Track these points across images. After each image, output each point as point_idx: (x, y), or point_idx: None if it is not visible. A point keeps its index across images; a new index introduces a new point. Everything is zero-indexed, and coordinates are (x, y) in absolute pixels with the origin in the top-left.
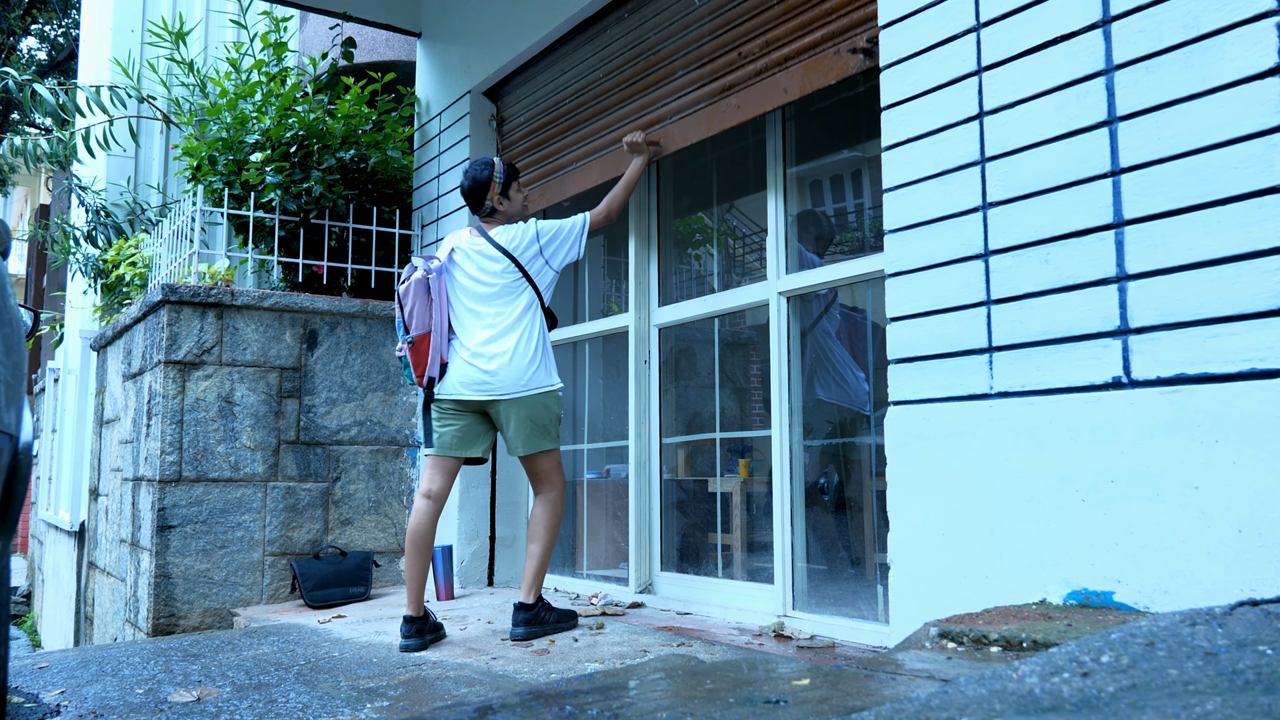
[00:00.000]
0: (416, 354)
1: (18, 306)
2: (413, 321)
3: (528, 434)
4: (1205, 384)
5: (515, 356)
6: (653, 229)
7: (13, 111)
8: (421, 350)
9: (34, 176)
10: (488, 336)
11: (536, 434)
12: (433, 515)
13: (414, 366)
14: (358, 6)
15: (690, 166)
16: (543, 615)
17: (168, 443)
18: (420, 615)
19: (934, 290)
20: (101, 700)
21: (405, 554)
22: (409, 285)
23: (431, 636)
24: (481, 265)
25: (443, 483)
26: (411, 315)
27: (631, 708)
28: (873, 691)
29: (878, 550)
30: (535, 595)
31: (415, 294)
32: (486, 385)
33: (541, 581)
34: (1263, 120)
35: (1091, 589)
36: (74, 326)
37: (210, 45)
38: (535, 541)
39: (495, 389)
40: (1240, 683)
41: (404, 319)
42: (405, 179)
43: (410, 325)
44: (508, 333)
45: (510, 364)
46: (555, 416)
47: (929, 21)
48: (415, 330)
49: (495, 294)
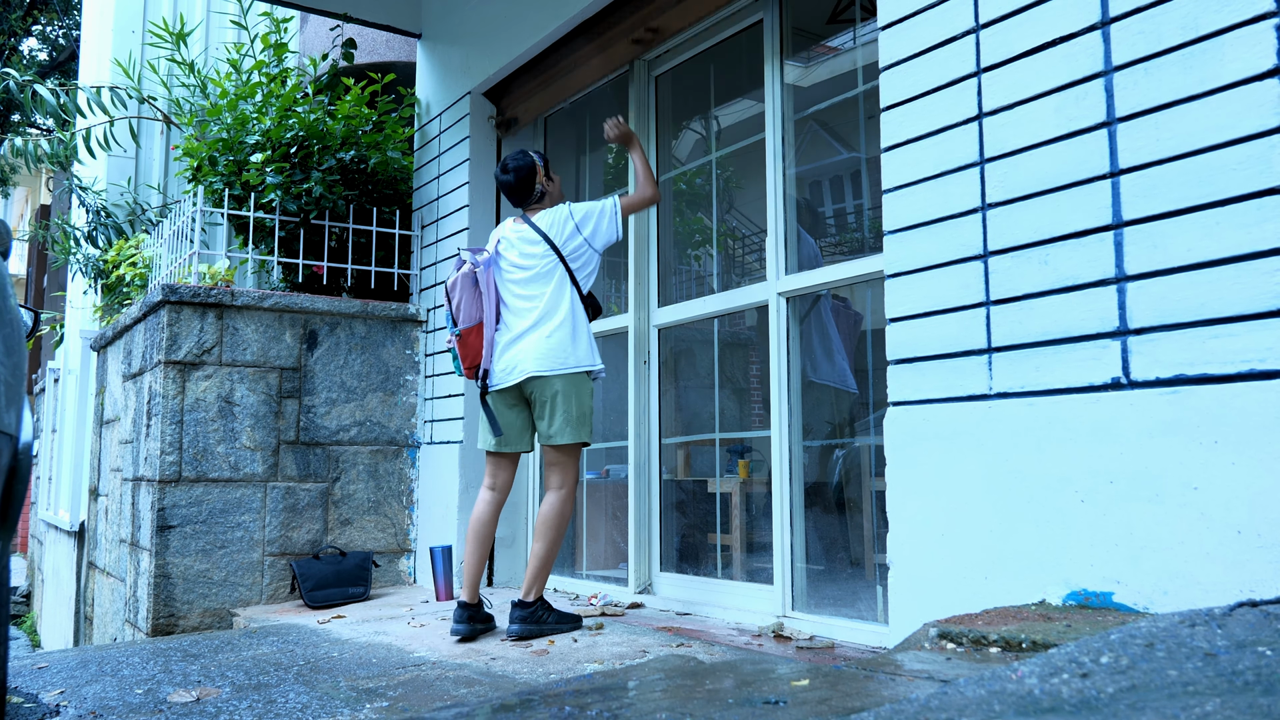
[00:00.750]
0: (465, 346)
1: (18, 307)
2: (460, 314)
3: (561, 420)
4: (1205, 385)
5: (553, 335)
6: (653, 229)
7: (14, 112)
8: (470, 343)
9: (35, 177)
10: (528, 324)
11: (570, 422)
12: (496, 506)
13: (462, 358)
14: (358, 7)
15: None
16: (540, 615)
17: (168, 443)
18: (475, 603)
19: (933, 291)
20: (101, 700)
21: (466, 541)
22: (455, 279)
23: (482, 626)
24: (523, 250)
25: (505, 475)
26: (459, 309)
27: (631, 708)
28: (872, 692)
29: (877, 551)
30: (535, 594)
31: (462, 287)
32: (522, 365)
33: (542, 581)
34: (1262, 121)
35: (1091, 590)
36: (74, 327)
37: (211, 46)
38: (539, 540)
39: (531, 368)
40: (1240, 684)
41: (452, 312)
42: (405, 179)
43: (458, 318)
44: (546, 316)
45: (547, 342)
46: (590, 408)
47: (929, 22)
48: (463, 323)
49: (533, 277)
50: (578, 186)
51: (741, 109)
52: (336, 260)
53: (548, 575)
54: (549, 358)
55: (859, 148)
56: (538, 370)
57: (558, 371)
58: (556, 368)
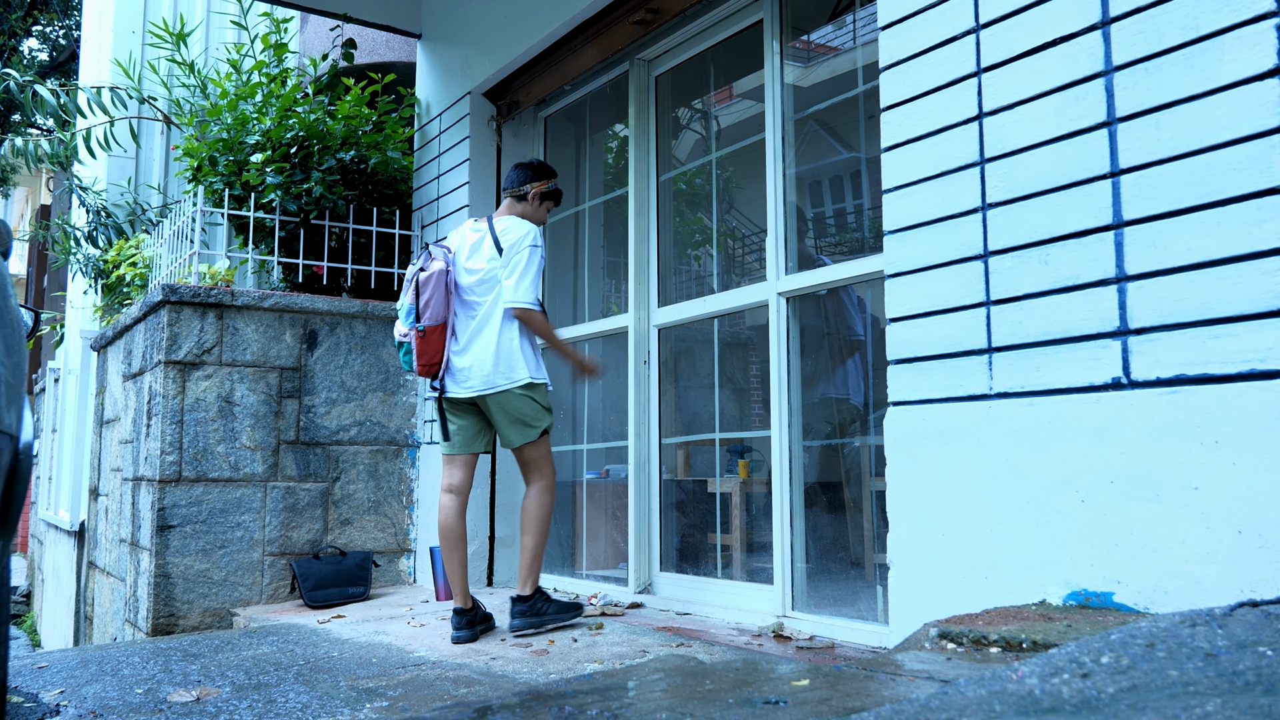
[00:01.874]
0: (425, 344)
1: (19, 307)
2: (427, 311)
3: (510, 428)
4: (1205, 385)
5: (496, 350)
6: (653, 229)
7: (14, 112)
8: (431, 341)
9: (35, 177)
10: (471, 331)
11: (519, 426)
12: (458, 508)
13: (418, 355)
14: (358, 8)
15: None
16: (539, 606)
17: (168, 443)
18: (469, 606)
19: (934, 291)
20: (101, 700)
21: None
22: (431, 275)
23: (482, 627)
24: (474, 253)
25: (462, 476)
26: (428, 305)
27: (631, 708)
28: (872, 692)
29: (877, 550)
30: (531, 587)
31: (436, 285)
32: (468, 382)
33: (536, 573)
34: (1262, 121)
35: (1091, 590)
36: (74, 326)
37: (211, 46)
38: (527, 534)
39: (476, 386)
40: (1240, 684)
41: (417, 306)
42: (405, 179)
43: (424, 314)
44: (487, 326)
45: (490, 358)
46: (541, 407)
47: (929, 22)
48: (428, 320)
49: (477, 283)
50: (577, 187)
51: (742, 109)
52: (336, 260)
53: (540, 566)
54: (497, 375)
55: (859, 148)
56: (485, 388)
57: (507, 387)
58: (503, 384)
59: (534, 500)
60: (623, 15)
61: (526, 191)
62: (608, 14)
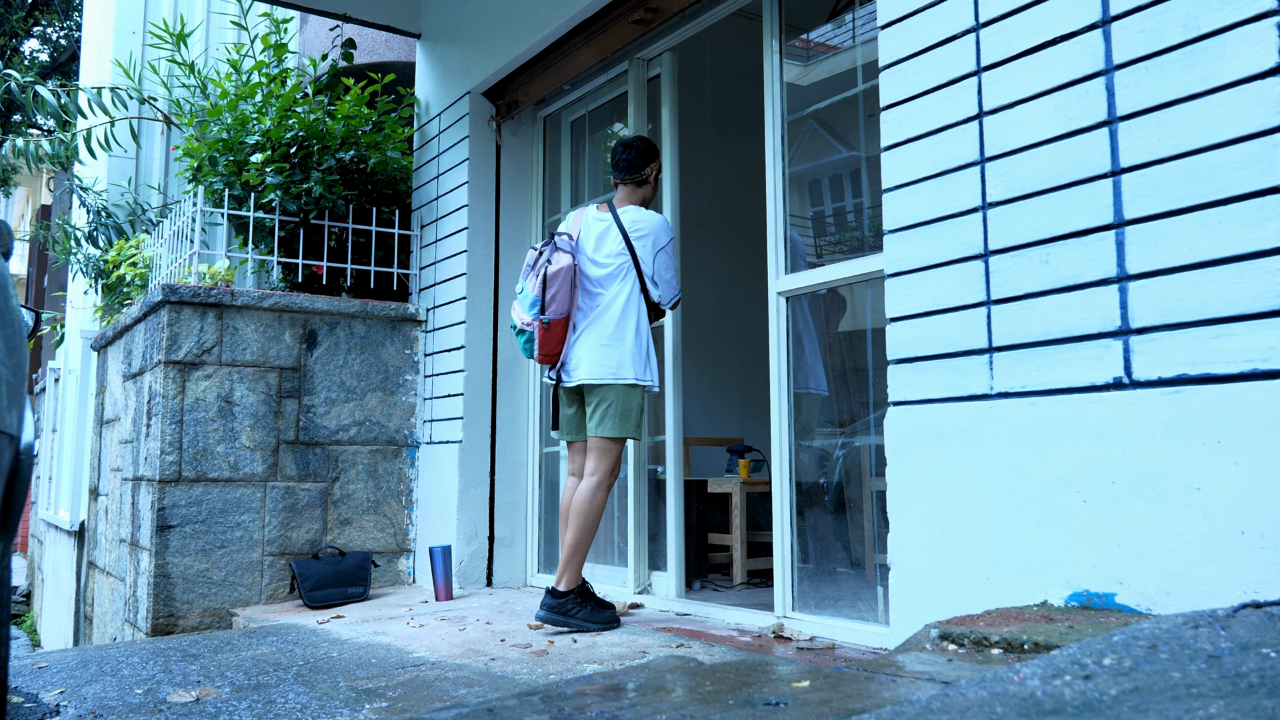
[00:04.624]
0: (548, 335)
1: (19, 307)
2: (553, 305)
3: (608, 420)
4: (1207, 384)
5: (610, 343)
6: None
7: (15, 113)
8: (555, 332)
9: (35, 177)
10: (589, 321)
11: (612, 418)
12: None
13: (540, 345)
14: (358, 8)
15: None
16: (570, 607)
17: (167, 443)
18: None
19: (934, 290)
20: (101, 700)
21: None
22: (560, 270)
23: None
24: (600, 244)
25: (580, 460)
26: (554, 299)
27: (631, 710)
28: (873, 694)
29: (878, 551)
30: (567, 583)
31: (564, 280)
32: (577, 370)
33: (575, 569)
34: (1263, 120)
35: (1093, 591)
36: (75, 326)
37: (211, 47)
38: (571, 528)
39: (583, 375)
40: (1244, 686)
41: (543, 298)
42: (405, 179)
43: (549, 307)
44: (604, 317)
45: (601, 350)
46: (639, 409)
47: (929, 21)
48: (553, 313)
49: (604, 276)
50: (576, 187)
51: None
52: (336, 260)
53: (582, 563)
54: (602, 365)
55: (859, 147)
56: (588, 378)
57: (608, 381)
58: (607, 377)
59: (584, 493)
60: (622, 15)
61: (647, 175)
62: (607, 13)
